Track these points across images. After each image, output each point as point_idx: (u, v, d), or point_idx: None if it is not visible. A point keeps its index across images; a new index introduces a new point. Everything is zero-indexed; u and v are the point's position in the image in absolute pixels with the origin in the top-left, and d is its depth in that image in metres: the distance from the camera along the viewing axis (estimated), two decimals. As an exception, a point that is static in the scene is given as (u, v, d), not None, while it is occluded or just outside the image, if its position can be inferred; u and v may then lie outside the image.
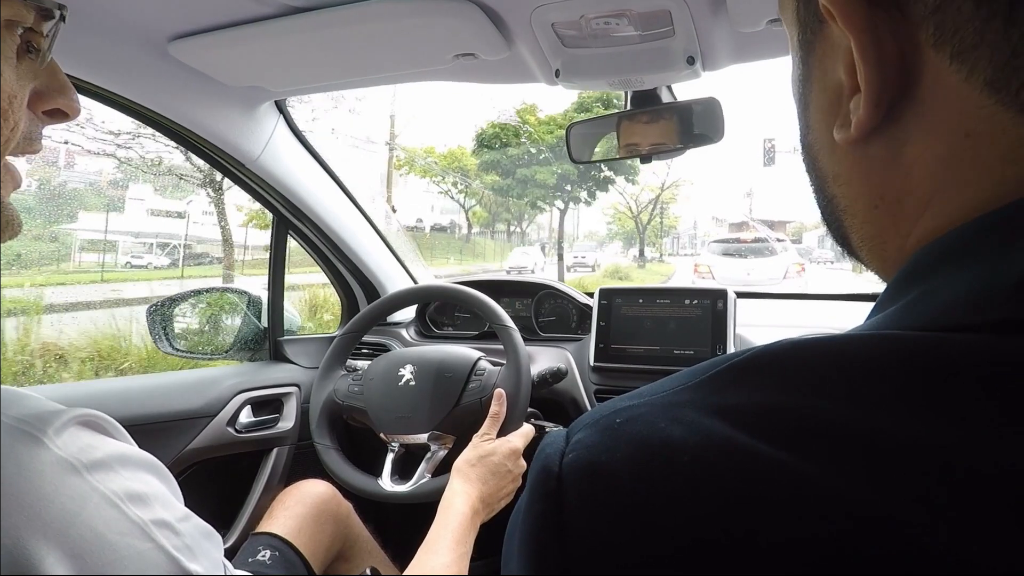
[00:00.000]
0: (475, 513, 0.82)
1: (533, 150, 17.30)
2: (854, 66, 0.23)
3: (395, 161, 17.46)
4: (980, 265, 0.20)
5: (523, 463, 0.91)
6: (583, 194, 18.99)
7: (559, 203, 19.10)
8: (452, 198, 21.60)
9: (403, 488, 0.99)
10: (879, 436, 0.18)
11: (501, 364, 1.05)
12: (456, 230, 25.66)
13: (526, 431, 0.96)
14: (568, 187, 18.30)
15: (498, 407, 0.95)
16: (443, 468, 0.98)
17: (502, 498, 0.88)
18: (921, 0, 0.21)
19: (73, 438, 0.36)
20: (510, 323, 1.04)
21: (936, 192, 0.23)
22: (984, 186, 0.21)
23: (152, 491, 0.38)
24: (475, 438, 0.92)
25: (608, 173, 17.67)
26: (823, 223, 0.30)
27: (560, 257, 17.74)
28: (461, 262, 21.26)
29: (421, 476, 0.99)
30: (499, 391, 0.97)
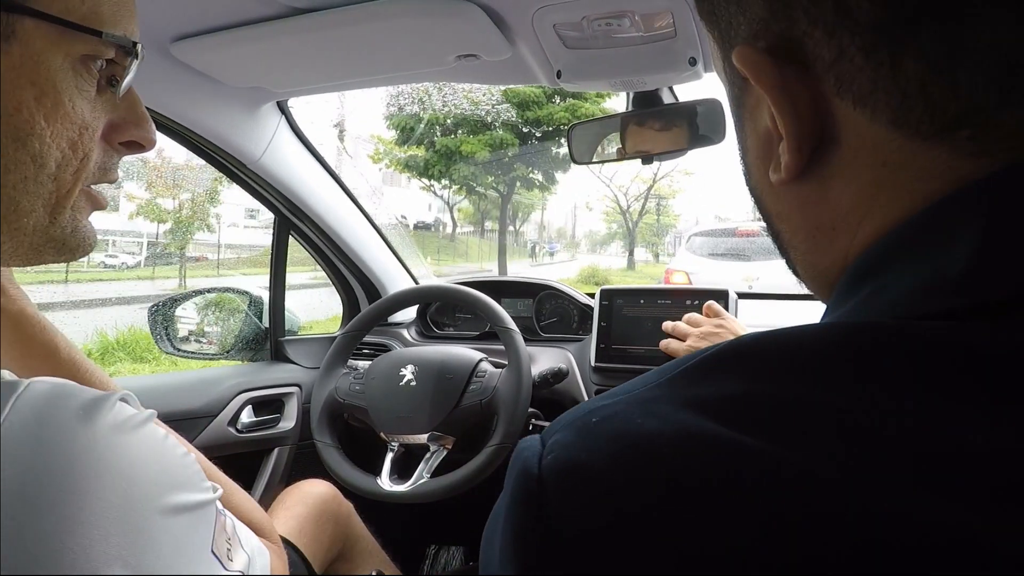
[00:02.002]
0: None
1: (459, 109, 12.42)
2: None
3: (375, 153, 15.32)
4: (924, 261, 0.22)
5: None
6: (537, 175, 15.17)
7: (501, 187, 15.43)
8: (436, 194, 18.92)
9: (402, 488, 0.99)
10: (844, 416, 0.19)
11: (502, 365, 1.05)
12: (441, 228, 23.62)
13: None
14: (515, 165, 14.59)
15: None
16: (442, 469, 0.98)
17: None
18: (820, 56, 0.23)
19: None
20: (512, 325, 1.05)
21: (865, 216, 0.25)
22: (904, 203, 0.23)
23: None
24: None
25: (566, 149, 14.10)
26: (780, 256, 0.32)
27: (502, 251, 15.67)
28: (438, 262, 18.95)
29: (420, 476, 1.00)
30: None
